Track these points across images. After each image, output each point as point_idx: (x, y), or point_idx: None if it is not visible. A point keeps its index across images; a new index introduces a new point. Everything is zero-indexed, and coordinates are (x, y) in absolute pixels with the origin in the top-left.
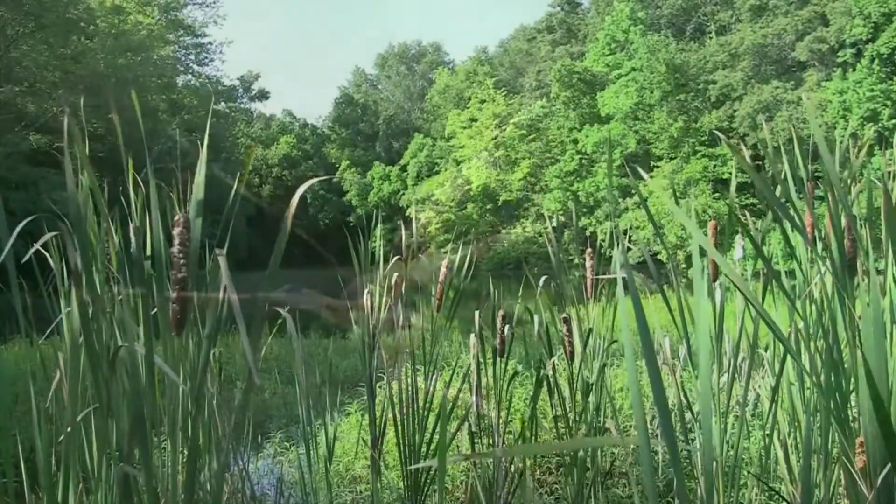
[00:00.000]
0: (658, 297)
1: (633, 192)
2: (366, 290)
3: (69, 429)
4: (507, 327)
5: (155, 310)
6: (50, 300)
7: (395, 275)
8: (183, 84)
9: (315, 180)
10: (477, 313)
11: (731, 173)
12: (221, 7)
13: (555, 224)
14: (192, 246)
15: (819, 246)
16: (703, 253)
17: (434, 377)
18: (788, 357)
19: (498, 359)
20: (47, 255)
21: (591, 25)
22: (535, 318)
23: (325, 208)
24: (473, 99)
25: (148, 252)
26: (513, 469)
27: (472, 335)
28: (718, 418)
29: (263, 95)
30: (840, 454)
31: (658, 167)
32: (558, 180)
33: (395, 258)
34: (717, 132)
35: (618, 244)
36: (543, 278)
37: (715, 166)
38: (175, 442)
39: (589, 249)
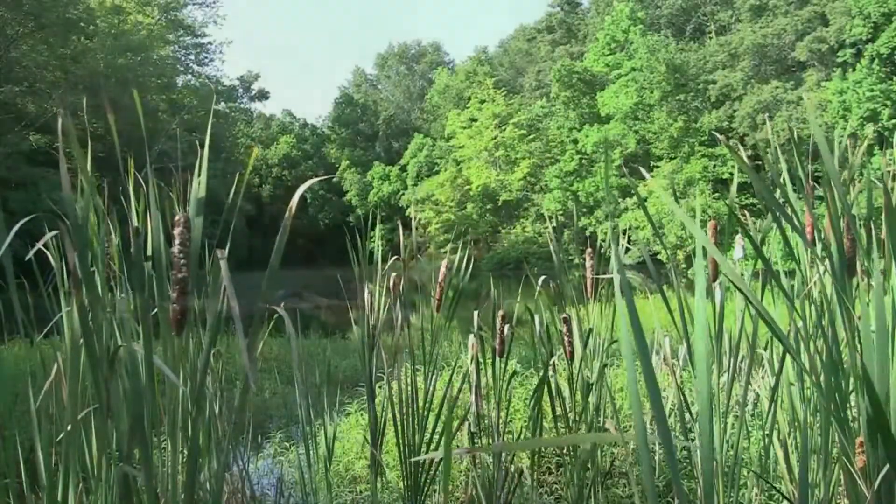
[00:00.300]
0: (658, 297)
1: (633, 192)
2: (366, 290)
3: (69, 427)
4: (506, 327)
5: (155, 310)
6: (50, 300)
7: (394, 274)
8: (183, 84)
9: (315, 180)
10: (476, 313)
11: (731, 173)
12: (221, 7)
13: (554, 224)
14: (192, 246)
15: (819, 246)
16: (704, 253)
17: (434, 377)
18: (788, 357)
19: (497, 359)
20: (48, 253)
21: (591, 25)
22: (536, 318)
23: (325, 208)
24: (473, 99)
25: (148, 252)
26: (513, 469)
27: (472, 335)
28: (718, 418)
29: (263, 95)
30: (840, 454)
31: (658, 167)
32: (558, 180)
33: (393, 258)
34: (716, 133)
35: (615, 245)
36: (542, 278)
37: (715, 166)
38: (175, 442)
39: (589, 249)
